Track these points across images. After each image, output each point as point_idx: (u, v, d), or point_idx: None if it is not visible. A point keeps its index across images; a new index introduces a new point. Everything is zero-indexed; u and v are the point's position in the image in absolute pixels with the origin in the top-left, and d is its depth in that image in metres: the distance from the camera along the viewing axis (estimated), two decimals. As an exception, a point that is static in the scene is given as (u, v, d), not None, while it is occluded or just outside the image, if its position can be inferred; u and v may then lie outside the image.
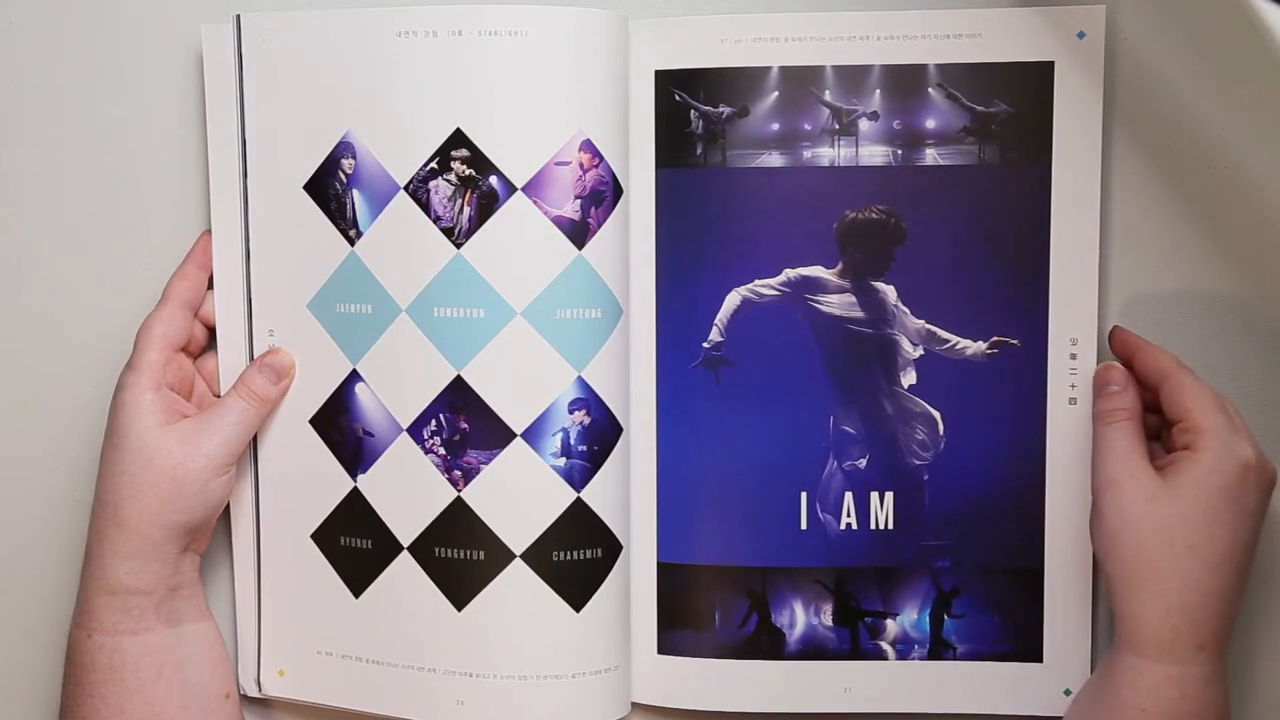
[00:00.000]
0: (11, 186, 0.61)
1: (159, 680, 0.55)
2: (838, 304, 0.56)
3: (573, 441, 0.55)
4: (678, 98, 0.56)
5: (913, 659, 0.58)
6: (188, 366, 0.58)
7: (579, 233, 0.55)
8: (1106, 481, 0.52)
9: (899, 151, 0.56)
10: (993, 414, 0.56)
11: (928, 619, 0.57)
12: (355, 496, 0.58)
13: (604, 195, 0.55)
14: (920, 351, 0.56)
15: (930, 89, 0.55)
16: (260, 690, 0.60)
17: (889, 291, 0.56)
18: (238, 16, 0.56)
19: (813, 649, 0.58)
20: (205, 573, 0.59)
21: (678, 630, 0.58)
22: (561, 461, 0.55)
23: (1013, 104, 0.55)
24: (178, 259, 0.58)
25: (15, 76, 0.60)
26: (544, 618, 0.56)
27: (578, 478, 0.55)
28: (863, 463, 0.57)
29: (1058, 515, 0.56)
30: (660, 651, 0.58)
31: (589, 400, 0.55)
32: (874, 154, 0.56)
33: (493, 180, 0.54)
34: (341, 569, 0.58)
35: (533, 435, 0.55)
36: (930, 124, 0.55)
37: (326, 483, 0.58)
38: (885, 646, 0.58)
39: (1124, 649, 0.51)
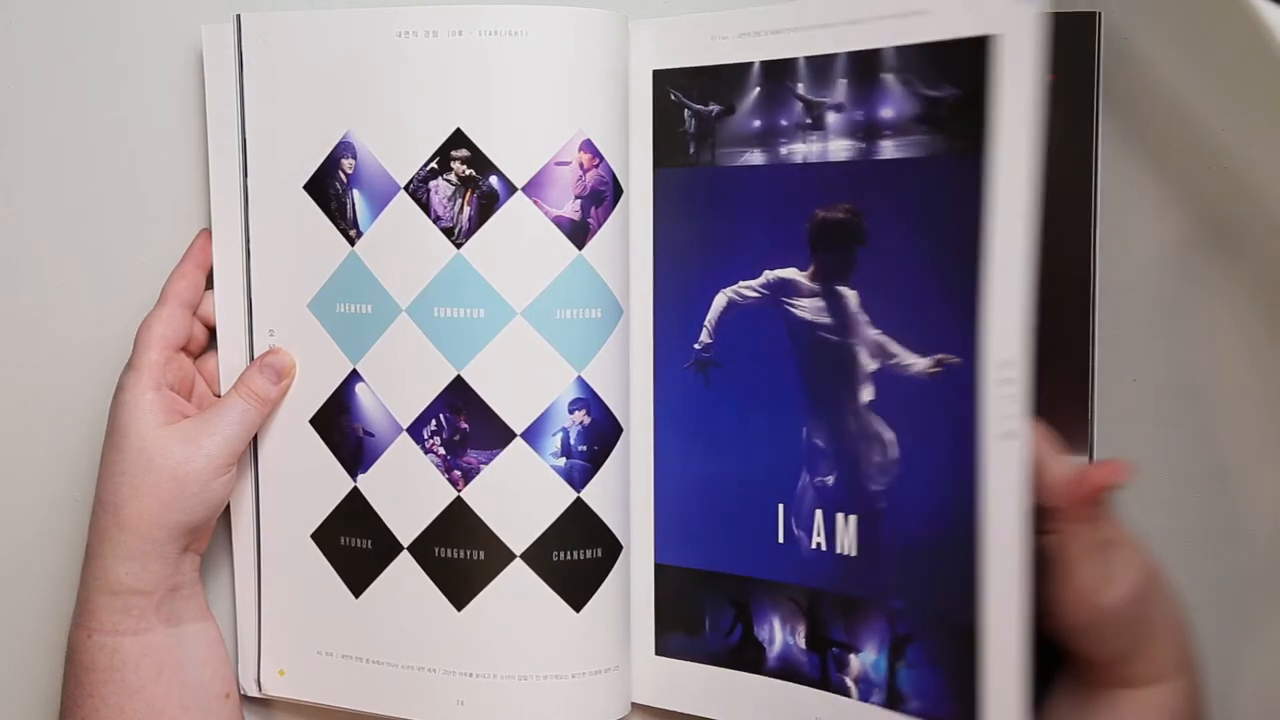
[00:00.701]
0: (11, 186, 0.61)
1: (159, 680, 0.55)
2: (809, 308, 0.54)
3: (573, 441, 0.55)
4: (673, 97, 0.56)
5: (873, 703, 0.53)
6: (188, 366, 0.58)
7: (579, 233, 0.55)
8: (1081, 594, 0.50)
9: (862, 145, 0.52)
10: (936, 443, 0.51)
11: (885, 662, 0.53)
12: (355, 496, 0.58)
13: (604, 195, 0.55)
14: (876, 365, 0.52)
15: (887, 75, 0.51)
16: (260, 690, 0.60)
17: (851, 297, 0.53)
18: (238, 16, 0.56)
19: (789, 669, 0.55)
20: (205, 573, 0.59)
21: (673, 633, 0.58)
22: (561, 461, 0.55)
23: (960, 86, 0.50)
24: (178, 259, 0.58)
25: (15, 76, 0.60)
26: (544, 618, 0.56)
27: (578, 478, 0.55)
28: (831, 480, 0.54)
29: (997, 570, 0.49)
30: (658, 653, 0.58)
31: (589, 400, 0.55)
32: (841, 148, 0.53)
33: (493, 180, 0.54)
34: (341, 569, 0.58)
35: (533, 435, 0.55)
36: (887, 113, 0.52)
37: (326, 483, 0.58)
38: (849, 683, 0.54)
39: (1115, 685, 0.51)
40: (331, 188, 0.56)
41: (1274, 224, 0.56)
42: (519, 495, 0.55)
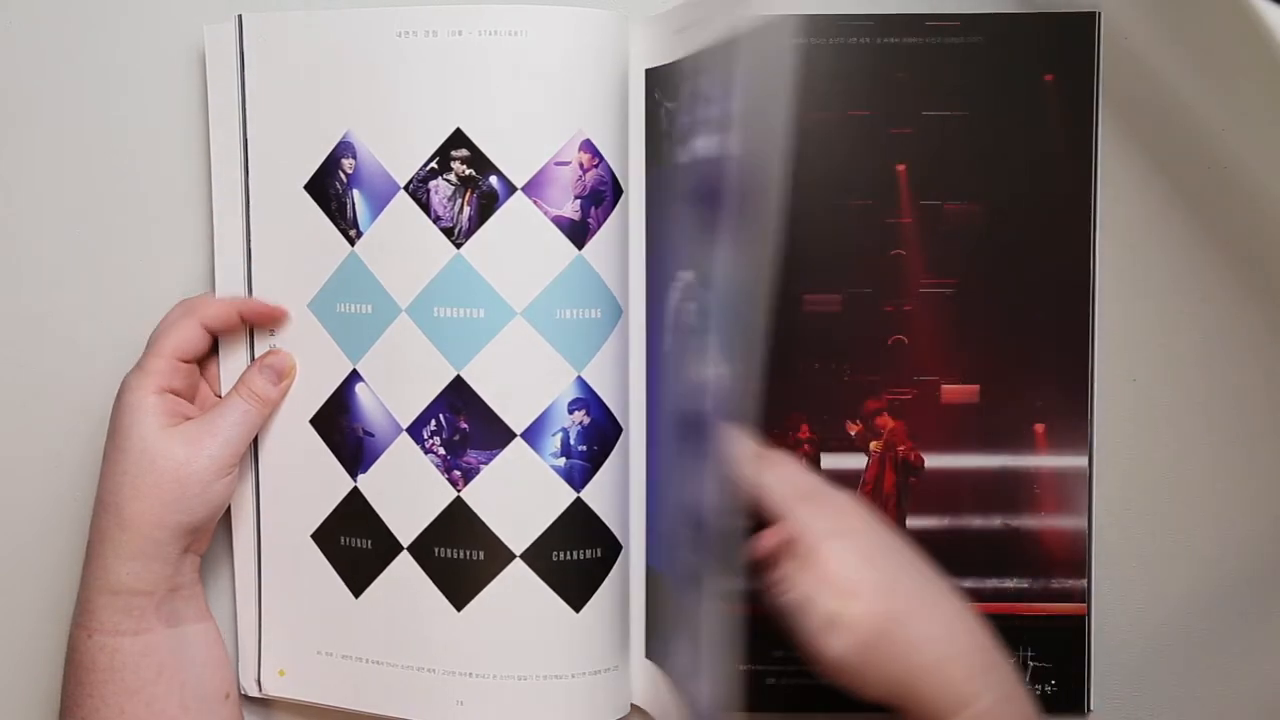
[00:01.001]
0: (12, 187, 0.61)
1: (159, 680, 0.55)
2: (689, 313, 0.52)
3: (572, 441, 0.55)
4: (655, 95, 0.56)
5: None
6: (194, 373, 0.58)
7: (579, 232, 0.55)
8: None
9: (721, 140, 0.49)
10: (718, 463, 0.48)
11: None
12: (355, 496, 0.58)
13: (604, 195, 0.55)
14: (708, 374, 0.50)
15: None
16: (260, 690, 0.60)
17: (707, 301, 0.51)
18: (239, 16, 0.57)
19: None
20: (205, 573, 0.59)
21: (656, 636, 0.57)
22: (561, 461, 0.55)
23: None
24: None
25: (16, 76, 0.60)
26: (543, 618, 0.56)
27: (577, 478, 0.55)
28: (699, 502, 0.51)
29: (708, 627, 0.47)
30: (647, 656, 0.58)
31: (589, 400, 0.55)
32: (710, 145, 0.50)
33: (493, 180, 0.54)
34: (341, 569, 0.58)
35: (532, 435, 0.55)
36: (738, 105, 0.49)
37: (326, 483, 0.58)
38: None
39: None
40: (331, 188, 0.56)
41: (1274, 224, 0.56)
42: (519, 495, 0.55)
